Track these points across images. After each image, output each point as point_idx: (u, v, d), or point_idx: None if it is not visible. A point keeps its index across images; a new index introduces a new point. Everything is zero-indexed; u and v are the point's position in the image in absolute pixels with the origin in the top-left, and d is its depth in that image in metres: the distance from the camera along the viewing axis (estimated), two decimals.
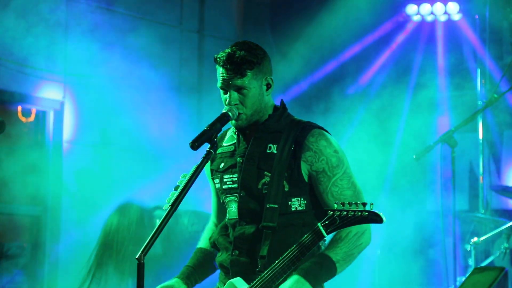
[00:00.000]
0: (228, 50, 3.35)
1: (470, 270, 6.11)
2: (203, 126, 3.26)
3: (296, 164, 3.33)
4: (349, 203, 3.10)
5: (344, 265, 3.31)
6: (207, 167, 3.58)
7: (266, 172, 3.35)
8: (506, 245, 6.65)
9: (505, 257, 6.65)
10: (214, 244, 3.54)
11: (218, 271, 3.58)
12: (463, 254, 7.62)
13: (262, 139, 3.41)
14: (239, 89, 3.34)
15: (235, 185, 3.42)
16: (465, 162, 8.85)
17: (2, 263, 7.86)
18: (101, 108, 8.26)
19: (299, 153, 3.34)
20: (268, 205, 3.31)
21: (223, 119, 3.30)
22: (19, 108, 8.24)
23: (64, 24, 8.02)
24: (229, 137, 3.55)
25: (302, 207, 3.36)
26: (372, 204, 3.08)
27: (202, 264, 3.58)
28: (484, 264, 6.62)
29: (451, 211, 6.30)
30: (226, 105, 3.37)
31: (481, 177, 8.19)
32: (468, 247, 6.46)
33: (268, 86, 3.42)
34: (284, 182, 3.33)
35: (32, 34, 7.79)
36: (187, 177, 3.16)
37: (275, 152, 3.36)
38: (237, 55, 3.32)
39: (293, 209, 3.35)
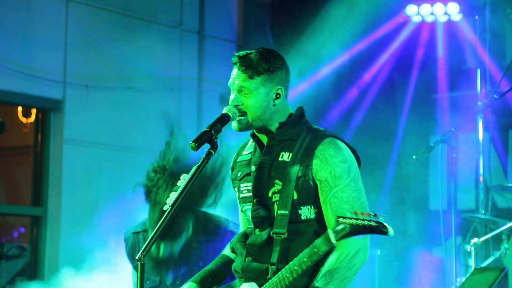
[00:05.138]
0: (247, 51, 3.35)
1: (470, 270, 6.10)
2: (203, 127, 3.25)
3: (306, 173, 3.30)
4: (362, 213, 3.04)
5: None
6: (228, 177, 3.60)
7: (277, 181, 3.33)
8: (506, 245, 6.64)
9: (505, 258, 6.64)
10: (233, 250, 3.55)
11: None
12: (463, 255, 7.60)
13: (275, 147, 3.39)
14: (243, 91, 3.34)
15: (250, 194, 3.41)
16: (465, 162, 8.84)
17: (2, 263, 7.85)
18: (101, 108, 8.25)
19: (309, 161, 3.30)
20: (279, 212, 3.31)
21: (223, 119, 3.29)
22: (19, 108, 8.25)
23: (64, 24, 8.02)
24: (249, 145, 3.54)
25: (313, 216, 3.33)
26: (383, 216, 3.03)
27: (220, 270, 3.56)
28: (484, 264, 6.62)
29: (451, 212, 6.30)
30: (229, 104, 3.36)
31: (481, 177, 8.17)
32: (468, 248, 6.45)
33: (277, 96, 3.37)
34: (294, 191, 3.30)
35: (32, 34, 7.79)
36: (187, 178, 3.15)
37: (288, 160, 3.34)
38: (250, 57, 3.32)
39: (303, 217, 3.33)
